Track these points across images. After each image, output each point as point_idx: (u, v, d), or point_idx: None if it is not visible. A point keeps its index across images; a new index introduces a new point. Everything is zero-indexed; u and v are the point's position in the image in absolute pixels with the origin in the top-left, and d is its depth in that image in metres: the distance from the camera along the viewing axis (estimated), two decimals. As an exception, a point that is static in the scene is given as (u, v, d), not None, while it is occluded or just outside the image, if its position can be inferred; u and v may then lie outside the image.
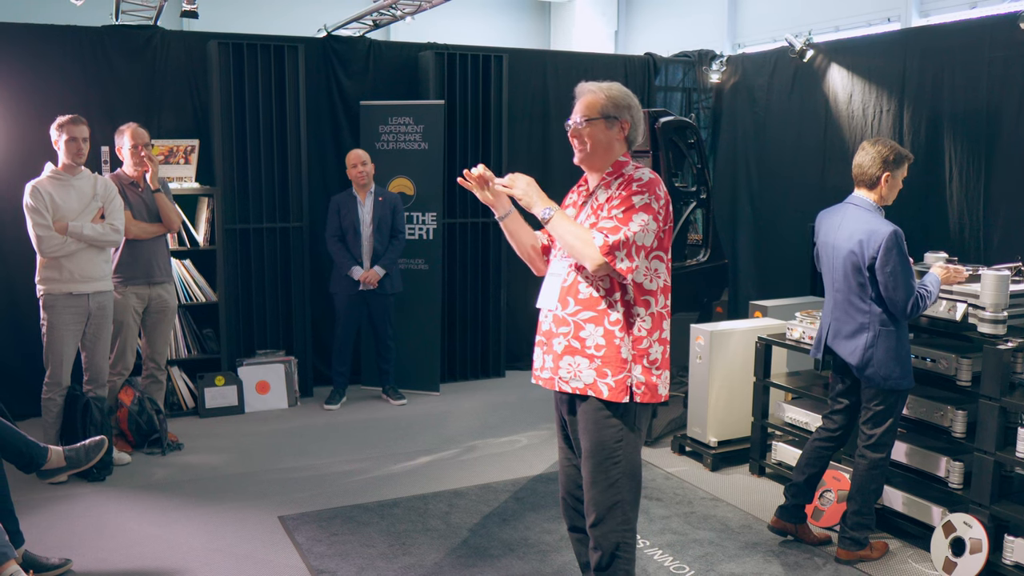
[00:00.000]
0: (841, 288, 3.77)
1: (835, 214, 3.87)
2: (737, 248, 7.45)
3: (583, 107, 2.88)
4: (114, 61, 5.86)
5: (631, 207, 2.76)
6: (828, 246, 3.85)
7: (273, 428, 5.68)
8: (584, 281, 2.84)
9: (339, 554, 3.89)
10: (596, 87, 2.90)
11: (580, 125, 2.87)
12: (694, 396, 5.11)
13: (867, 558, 3.86)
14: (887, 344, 3.65)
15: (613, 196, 2.82)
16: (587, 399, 2.85)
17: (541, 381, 2.96)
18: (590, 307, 2.83)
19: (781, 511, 4.07)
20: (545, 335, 2.94)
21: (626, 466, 2.85)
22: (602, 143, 2.87)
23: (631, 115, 2.90)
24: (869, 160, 3.72)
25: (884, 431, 3.74)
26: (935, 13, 6.65)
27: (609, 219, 2.77)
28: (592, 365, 2.82)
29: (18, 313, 5.62)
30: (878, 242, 3.56)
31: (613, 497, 2.84)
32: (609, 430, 2.83)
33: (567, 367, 2.86)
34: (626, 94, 2.91)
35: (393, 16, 6.54)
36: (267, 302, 6.21)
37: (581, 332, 2.83)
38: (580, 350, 2.83)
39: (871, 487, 3.80)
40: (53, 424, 4.75)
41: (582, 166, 2.96)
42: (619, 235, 2.72)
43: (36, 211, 4.50)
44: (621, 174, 2.88)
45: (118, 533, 4.10)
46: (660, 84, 7.66)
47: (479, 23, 10.52)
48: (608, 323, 2.81)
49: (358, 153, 5.95)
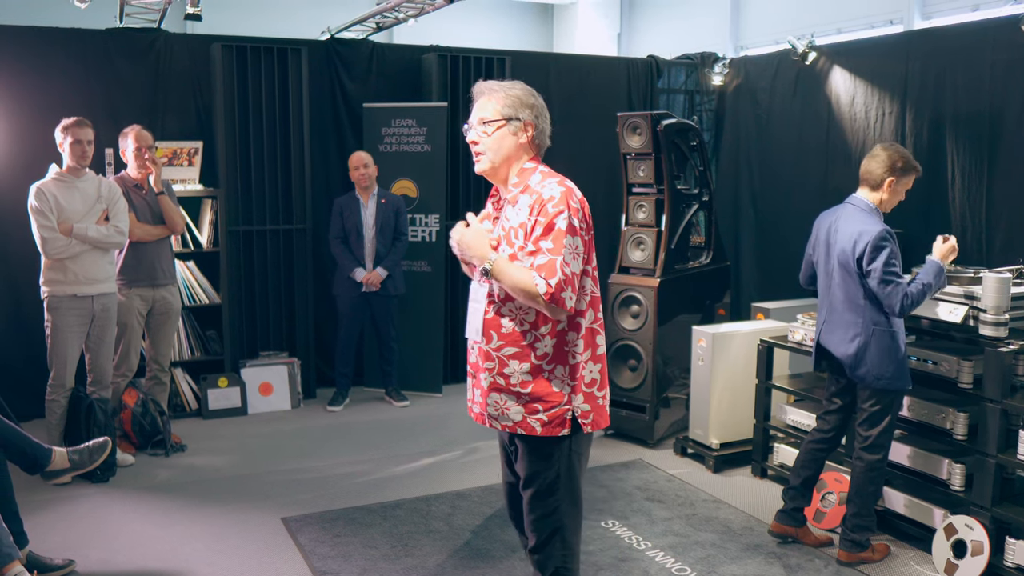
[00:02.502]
0: (834, 287, 3.79)
1: (833, 214, 3.89)
2: (739, 250, 7.45)
3: (481, 108, 2.61)
4: (118, 64, 5.88)
5: (558, 232, 2.49)
6: (823, 244, 3.87)
7: (276, 429, 5.70)
8: (507, 315, 2.60)
9: (342, 555, 3.90)
10: (495, 84, 2.64)
11: (478, 128, 2.61)
12: (696, 398, 5.11)
13: (868, 560, 3.86)
14: (880, 344, 3.66)
15: (530, 223, 2.54)
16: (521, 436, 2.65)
17: (472, 415, 2.77)
18: (513, 343, 2.60)
19: (781, 515, 4.07)
20: (473, 367, 2.73)
21: (565, 494, 2.68)
22: (504, 149, 2.60)
23: (535, 115, 2.62)
24: (877, 162, 3.73)
25: (880, 432, 3.74)
26: (937, 15, 6.65)
27: (537, 251, 2.51)
28: (519, 402, 2.61)
29: (22, 315, 5.63)
30: (867, 240, 3.59)
31: (552, 524, 2.69)
32: (544, 462, 2.64)
33: (493, 404, 2.65)
34: (529, 92, 2.64)
35: (396, 19, 6.55)
36: (270, 304, 6.22)
37: (505, 368, 2.61)
38: (505, 387, 2.62)
39: (869, 489, 3.80)
40: (57, 425, 4.77)
41: (484, 176, 2.67)
42: (557, 274, 2.47)
43: (41, 213, 4.52)
44: (527, 187, 2.59)
45: (121, 534, 4.11)
46: (663, 86, 7.67)
47: (482, 26, 10.53)
48: (534, 358, 2.59)
49: (361, 155, 5.96)
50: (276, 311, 6.24)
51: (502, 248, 2.62)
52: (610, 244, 7.05)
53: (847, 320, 3.74)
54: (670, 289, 5.36)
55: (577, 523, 2.75)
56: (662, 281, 5.30)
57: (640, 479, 4.84)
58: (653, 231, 5.43)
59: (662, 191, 5.42)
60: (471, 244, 2.61)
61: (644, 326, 5.30)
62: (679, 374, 5.60)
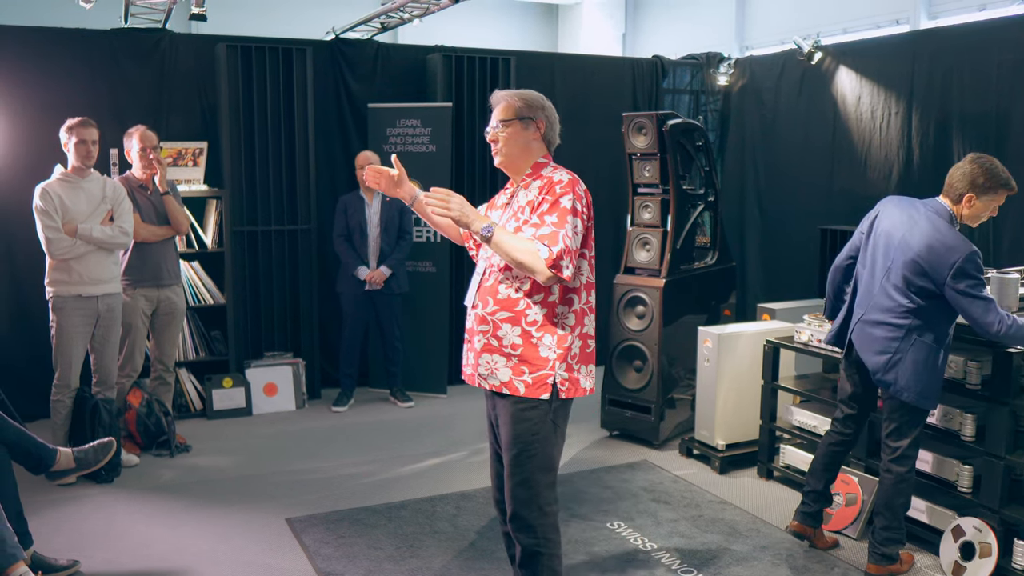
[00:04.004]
0: (885, 285, 3.59)
1: (909, 209, 3.61)
2: (745, 251, 7.44)
3: (499, 112, 2.98)
4: (123, 64, 5.88)
5: (562, 209, 2.83)
6: (883, 236, 3.63)
7: (281, 430, 5.69)
8: (505, 282, 2.92)
9: (346, 556, 3.89)
10: (510, 92, 3.00)
11: (497, 128, 2.97)
12: (702, 399, 5.10)
13: (897, 572, 3.76)
14: (916, 355, 3.52)
15: (537, 200, 2.89)
16: (505, 396, 2.94)
17: (465, 377, 3.07)
18: (507, 307, 2.91)
19: (803, 516, 3.99)
20: (468, 332, 3.05)
21: (541, 460, 2.93)
22: (519, 144, 2.97)
23: (546, 115, 2.99)
24: (960, 174, 3.51)
25: (909, 444, 3.64)
26: (944, 15, 6.63)
27: (541, 224, 2.83)
28: (508, 363, 2.91)
29: (27, 315, 5.64)
30: (957, 257, 3.37)
31: (528, 491, 2.93)
32: (524, 423, 2.91)
33: (484, 364, 2.95)
34: (539, 96, 3.01)
35: (401, 19, 6.55)
36: (275, 304, 6.22)
37: (498, 331, 2.92)
38: (498, 348, 2.92)
39: (899, 501, 3.68)
40: (62, 426, 4.77)
41: (502, 169, 3.04)
42: (559, 243, 2.78)
43: (46, 213, 4.52)
44: (540, 175, 2.97)
45: (126, 534, 4.11)
46: (668, 87, 7.66)
47: (487, 26, 10.53)
48: (525, 323, 2.89)
49: (369, 155, 5.97)
50: (281, 312, 6.24)
51: (508, 223, 2.94)
52: (615, 244, 7.04)
53: (887, 323, 3.58)
54: (676, 290, 5.35)
55: (552, 494, 2.99)
56: (667, 282, 5.29)
57: (646, 480, 4.82)
58: (658, 231, 5.42)
59: (667, 191, 5.41)
60: (468, 208, 2.88)
61: (649, 327, 5.28)
62: (684, 375, 5.59)
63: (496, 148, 2.99)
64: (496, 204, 3.15)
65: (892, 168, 6.04)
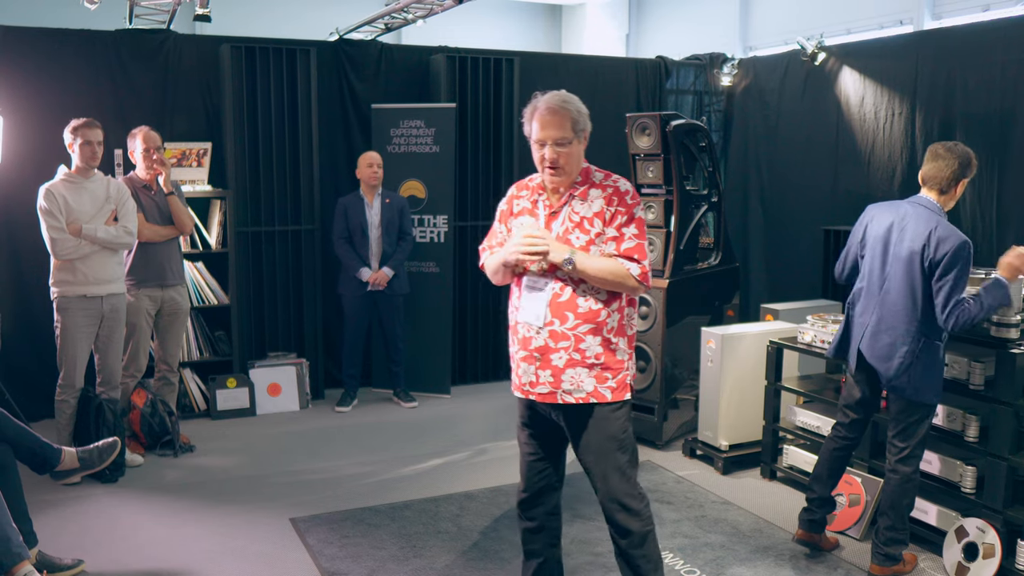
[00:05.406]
0: (891, 290, 3.60)
1: (895, 212, 3.66)
2: (748, 251, 7.43)
3: (559, 128, 2.87)
4: (127, 65, 5.89)
5: (638, 219, 2.91)
6: (879, 242, 3.66)
7: (284, 430, 5.70)
8: (583, 295, 2.88)
9: (350, 556, 3.90)
10: (560, 103, 2.89)
11: (562, 147, 2.88)
12: (705, 399, 5.10)
13: (901, 573, 3.76)
14: (927, 356, 3.54)
15: (608, 212, 2.89)
16: (590, 405, 2.92)
17: (534, 395, 2.95)
18: (590, 319, 2.88)
19: (810, 524, 3.95)
20: (539, 351, 2.91)
21: (632, 453, 3.00)
22: (576, 158, 2.94)
23: (587, 120, 2.96)
24: (944, 164, 3.56)
25: (917, 443, 3.64)
26: (948, 15, 6.63)
27: (621, 238, 2.87)
28: (592, 373, 2.90)
29: (31, 315, 5.65)
30: (949, 247, 3.42)
31: (628, 483, 2.96)
32: (615, 425, 2.95)
33: (569, 379, 2.90)
34: (579, 102, 2.96)
35: (404, 20, 6.56)
36: (279, 305, 6.23)
37: (581, 344, 2.89)
38: (581, 361, 2.89)
39: (904, 502, 3.68)
40: (66, 426, 4.78)
41: (555, 183, 2.95)
42: (647, 257, 2.88)
43: (50, 214, 4.53)
44: (592, 182, 2.95)
45: (130, 534, 4.12)
46: (671, 87, 7.66)
47: (490, 26, 10.54)
48: (605, 332, 2.91)
49: (374, 155, 5.97)
50: (284, 312, 6.25)
51: (575, 237, 2.90)
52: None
53: (899, 328, 3.57)
54: (679, 290, 5.35)
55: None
56: (671, 282, 5.29)
57: (649, 480, 4.82)
58: (662, 232, 5.42)
59: (671, 192, 5.41)
60: (555, 246, 2.86)
61: (653, 327, 5.28)
62: (688, 375, 5.59)
63: (556, 167, 2.89)
64: (515, 211, 3.05)
65: (895, 169, 6.04)
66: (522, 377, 2.98)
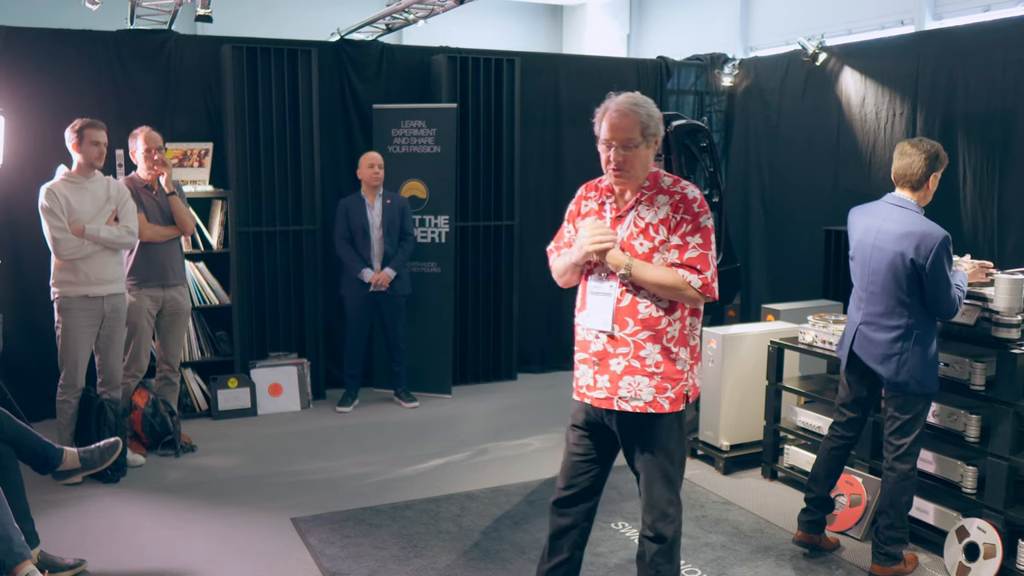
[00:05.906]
0: (880, 290, 3.64)
1: (873, 214, 3.73)
2: (749, 251, 7.44)
3: (627, 131, 2.82)
4: (129, 65, 5.90)
5: (704, 229, 2.84)
6: (867, 246, 3.71)
7: (285, 430, 5.70)
8: (643, 301, 2.84)
9: (351, 556, 3.90)
10: (630, 106, 2.84)
11: (628, 150, 2.82)
12: (706, 400, 5.10)
13: (902, 572, 3.76)
14: (921, 348, 3.58)
15: (673, 219, 2.83)
16: (647, 414, 2.89)
17: (590, 399, 2.94)
18: (650, 327, 2.84)
19: (809, 525, 3.96)
20: (598, 355, 2.91)
21: (681, 462, 3.00)
22: (643, 161, 2.86)
23: (658, 126, 2.88)
24: (914, 161, 3.61)
25: (913, 441, 3.65)
26: (949, 16, 6.63)
27: (684, 246, 2.81)
28: (652, 383, 2.85)
29: (33, 316, 5.65)
30: (931, 245, 3.47)
31: (672, 491, 2.96)
32: (670, 434, 2.92)
33: (627, 387, 2.87)
34: (653, 105, 2.91)
35: (406, 20, 6.56)
36: (280, 305, 6.23)
37: (641, 352, 2.85)
38: (640, 369, 2.85)
39: (903, 499, 3.69)
40: (68, 426, 4.78)
41: (620, 186, 2.90)
42: (710, 267, 2.81)
43: (52, 213, 4.53)
44: (660, 188, 2.88)
45: (132, 534, 4.12)
46: (672, 87, 7.66)
47: (491, 27, 10.55)
48: (665, 341, 2.85)
49: (376, 155, 5.98)
50: (286, 312, 6.26)
51: (639, 243, 2.86)
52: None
53: (891, 326, 3.61)
54: (680, 290, 5.34)
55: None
56: (672, 282, 5.28)
57: (650, 481, 4.82)
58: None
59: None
60: (614, 253, 2.83)
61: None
62: (689, 375, 5.58)
63: (624, 165, 2.83)
64: (583, 212, 3.01)
65: (896, 169, 6.03)
66: (580, 380, 2.98)
